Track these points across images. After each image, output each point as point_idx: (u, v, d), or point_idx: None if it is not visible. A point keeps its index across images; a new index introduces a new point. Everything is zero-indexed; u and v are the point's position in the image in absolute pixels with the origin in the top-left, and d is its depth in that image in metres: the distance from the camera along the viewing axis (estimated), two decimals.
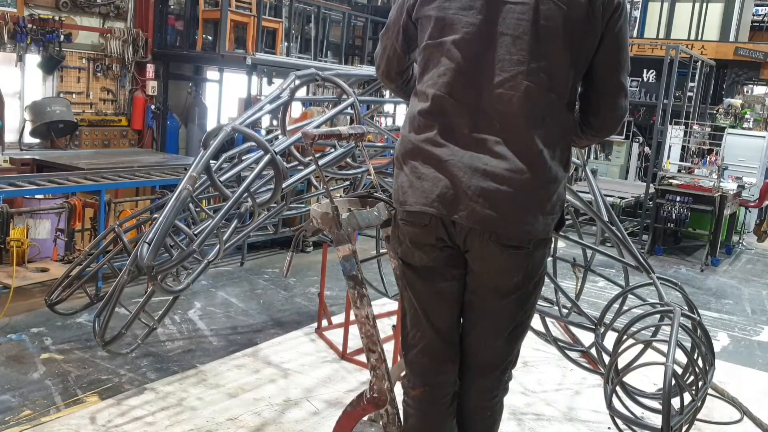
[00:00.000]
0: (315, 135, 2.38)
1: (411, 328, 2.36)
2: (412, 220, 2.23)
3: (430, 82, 2.20)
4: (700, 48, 11.44)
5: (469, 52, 2.13)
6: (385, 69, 2.50)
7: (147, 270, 2.92)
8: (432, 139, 2.17)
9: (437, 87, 2.17)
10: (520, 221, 2.12)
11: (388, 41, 2.43)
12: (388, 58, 2.46)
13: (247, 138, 3.54)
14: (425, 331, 2.32)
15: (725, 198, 8.28)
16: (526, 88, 2.08)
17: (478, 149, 2.11)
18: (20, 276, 4.84)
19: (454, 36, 2.15)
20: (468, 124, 2.13)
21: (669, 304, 3.64)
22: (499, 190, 2.08)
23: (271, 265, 6.64)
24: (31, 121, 7.09)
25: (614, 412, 3.40)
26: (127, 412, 3.60)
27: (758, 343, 5.65)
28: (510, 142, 2.10)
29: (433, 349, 2.32)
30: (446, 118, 2.16)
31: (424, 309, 2.31)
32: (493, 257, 2.17)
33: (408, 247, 2.29)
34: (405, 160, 2.25)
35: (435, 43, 2.19)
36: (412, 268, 2.30)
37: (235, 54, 7.93)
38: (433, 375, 2.34)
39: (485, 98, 2.11)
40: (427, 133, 2.18)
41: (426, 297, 2.30)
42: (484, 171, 2.10)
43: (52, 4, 7.22)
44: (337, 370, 4.33)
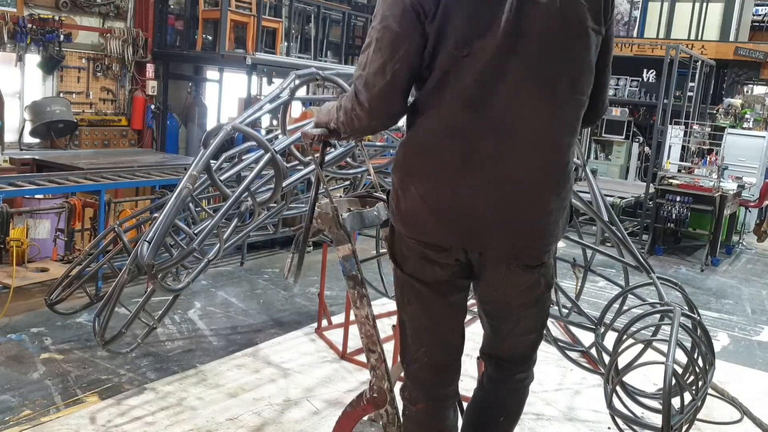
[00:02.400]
0: (315, 135, 2.37)
1: (415, 343, 2.24)
2: (429, 244, 2.08)
3: (451, 95, 1.95)
4: (700, 48, 11.44)
5: (495, 67, 1.92)
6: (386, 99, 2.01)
7: (147, 269, 2.92)
8: (452, 162, 1.97)
9: (463, 101, 1.94)
10: (547, 239, 2.09)
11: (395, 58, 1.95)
12: (399, 83, 1.98)
13: (247, 137, 3.55)
14: (433, 346, 2.22)
15: (725, 198, 8.27)
16: (558, 101, 1.99)
17: (504, 172, 1.96)
18: (20, 276, 4.84)
19: (481, 48, 1.91)
20: (493, 143, 1.95)
21: (669, 303, 3.63)
22: (528, 216, 2.02)
23: (271, 265, 6.64)
24: (31, 121, 7.09)
25: (614, 412, 3.40)
26: (127, 412, 3.60)
27: (758, 343, 5.65)
28: (539, 159, 2.00)
29: (439, 362, 2.24)
30: (469, 136, 1.95)
31: (433, 323, 2.20)
32: (516, 278, 2.13)
33: (418, 263, 2.13)
34: (417, 179, 2.03)
35: (460, 54, 1.92)
36: (421, 282, 2.15)
37: (235, 54, 7.93)
38: (438, 388, 2.27)
39: (515, 113, 1.94)
40: (448, 153, 1.98)
41: (437, 310, 2.18)
42: (512, 198, 1.99)
43: (52, 4, 7.22)
44: (337, 370, 4.33)
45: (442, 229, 2.03)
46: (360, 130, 2.22)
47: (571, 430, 3.83)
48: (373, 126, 2.18)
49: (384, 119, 2.11)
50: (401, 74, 1.98)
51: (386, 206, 2.72)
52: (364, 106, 2.05)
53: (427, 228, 2.05)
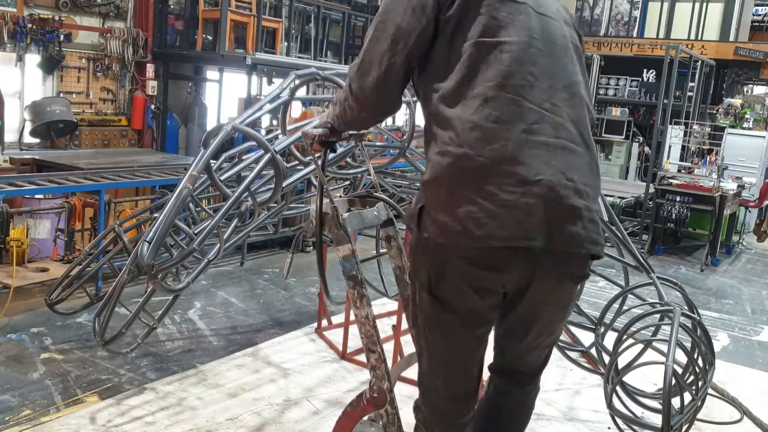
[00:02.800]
0: (315, 135, 2.37)
1: (433, 372, 2.14)
2: (484, 260, 1.89)
3: (493, 83, 1.88)
4: (700, 48, 11.44)
5: (532, 56, 1.92)
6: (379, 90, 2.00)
7: (147, 269, 2.92)
8: (507, 154, 1.85)
9: (506, 89, 1.87)
10: (599, 236, 2.00)
11: (393, 50, 1.95)
12: (394, 75, 1.97)
13: (247, 137, 3.55)
14: (452, 377, 2.13)
15: (725, 198, 8.28)
16: (582, 98, 2.03)
17: (559, 162, 1.89)
18: (20, 276, 4.84)
19: (513, 38, 1.90)
20: (546, 132, 1.89)
21: (669, 303, 3.64)
22: (588, 208, 1.93)
23: (271, 265, 6.64)
24: (31, 121, 7.09)
25: (614, 412, 3.41)
26: (127, 411, 3.60)
27: (758, 343, 5.65)
28: (583, 152, 1.97)
29: (458, 393, 2.16)
30: (520, 125, 1.87)
31: (456, 356, 2.10)
32: (556, 293, 2.06)
33: (459, 289, 1.96)
34: (467, 183, 1.86)
35: (492, 42, 1.89)
36: (452, 311, 2.00)
37: (235, 54, 7.93)
38: (455, 417, 2.21)
39: (557, 103, 1.93)
40: (498, 146, 1.85)
41: (463, 343, 2.07)
42: (573, 188, 1.90)
43: (52, 4, 7.22)
44: (337, 370, 4.33)
45: (515, 228, 1.84)
46: (352, 122, 2.18)
47: (571, 430, 3.83)
48: (365, 117, 2.14)
49: (376, 111, 2.09)
50: (397, 66, 1.96)
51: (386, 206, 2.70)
52: (357, 96, 2.04)
53: (491, 231, 1.84)
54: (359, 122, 2.20)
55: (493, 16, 1.91)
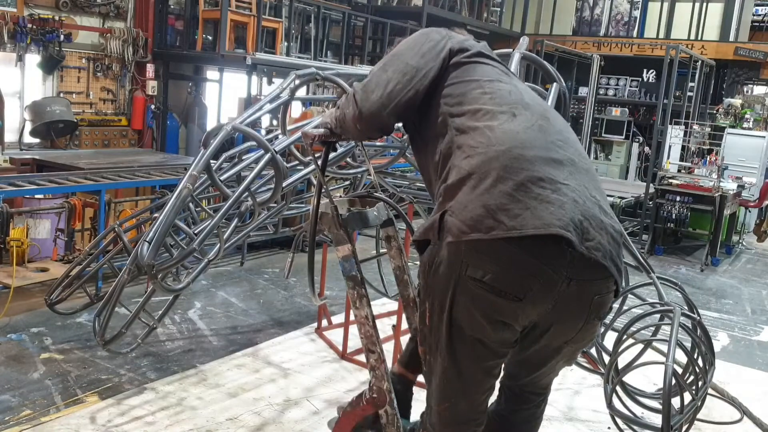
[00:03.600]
0: (315, 135, 2.37)
1: (439, 396, 2.11)
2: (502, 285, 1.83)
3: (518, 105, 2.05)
4: (700, 48, 11.44)
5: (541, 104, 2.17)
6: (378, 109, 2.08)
7: (147, 269, 2.91)
8: (539, 156, 1.91)
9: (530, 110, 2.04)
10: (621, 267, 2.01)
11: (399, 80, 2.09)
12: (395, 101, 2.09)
13: (247, 137, 3.54)
14: (461, 405, 2.10)
15: (725, 198, 8.28)
16: None
17: (582, 178, 1.96)
18: (20, 276, 4.84)
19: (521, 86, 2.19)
20: (569, 150, 2.01)
21: (669, 303, 3.64)
22: (612, 227, 1.95)
23: (271, 265, 6.64)
24: (31, 121, 7.08)
25: (614, 412, 3.41)
26: (127, 411, 3.60)
27: (758, 343, 5.65)
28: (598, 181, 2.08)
29: (463, 419, 2.13)
30: (546, 137, 1.98)
31: (464, 384, 2.05)
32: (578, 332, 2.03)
33: (473, 318, 1.90)
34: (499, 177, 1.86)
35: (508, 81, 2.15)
36: (463, 340, 1.95)
37: (235, 54, 7.93)
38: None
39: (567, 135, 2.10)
40: (530, 148, 1.92)
41: (471, 372, 2.02)
42: (597, 204, 1.94)
43: (52, 4, 7.22)
44: (337, 370, 4.33)
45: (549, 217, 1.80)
46: (346, 130, 2.23)
47: (571, 430, 3.83)
48: (359, 130, 2.19)
49: (369, 127, 2.16)
50: (400, 95, 2.09)
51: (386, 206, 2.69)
52: (358, 107, 2.12)
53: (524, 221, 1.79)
54: (352, 132, 2.24)
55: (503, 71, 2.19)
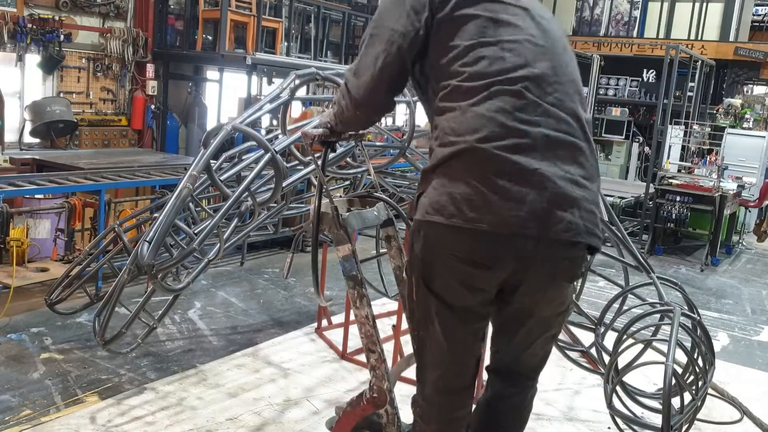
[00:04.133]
0: (315, 135, 2.37)
1: (431, 365, 2.18)
2: (471, 256, 1.95)
3: (496, 78, 1.94)
4: (700, 48, 11.44)
5: (535, 53, 1.98)
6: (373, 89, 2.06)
7: (147, 269, 2.92)
8: (508, 144, 1.90)
9: (509, 83, 1.93)
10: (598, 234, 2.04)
11: (388, 51, 2.02)
12: (387, 75, 2.04)
13: (247, 137, 3.54)
14: (449, 370, 2.17)
15: (725, 198, 8.28)
16: (582, 95, 2.08)
17: (559, 154, 1.94)
18: (20, 276, 4.84)
19: (515, 36, 1.98)
20: (549, 125, 1.94)
21: (669, 303, 3.64)
22: (585, 199, 1.97)
23: (271, 265, 6.64)
24: (31, 121, 7.08)
25: (614, 412, 3.41)
26: (127, 411, 3.60)
27: (758, 343, 5.65)
28: (584, 147, 2.01)
29: (454, 386, 2.21)
30: (522, 117, 1.92)
31: (452, 349, 2.13)
32: (550, 292, 2.08)
33: (449, 284, 2.02)
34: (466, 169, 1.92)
35: (493, 41, 1.97)
36: (449, 306, 2.06)
37: (235, 54, 7.93)
38: (452, 411, 2.24)
39: (561, 98, 1.98)
40: (499, 136, 1.91)
41: (458, 337, 2.12)
42: (571, 179, 1.94)
43: (52, 4, 7.22)
44: (337, 370, 4.33)
45: (508, 214, 1.88)
46: (347, 122, 2.23)
47: (571, 430, 3.83)
48: (358, 117, 2.17)
49: (369, 110, 2.14)
50: (391, 67, 2.04)
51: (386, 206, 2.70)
52: (352, 95, 2.11)
53: (482, 216, 1.88)
54: (355, 121, 2.24)
55: (492, 18, 1.99)
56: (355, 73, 2.10)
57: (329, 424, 2.96)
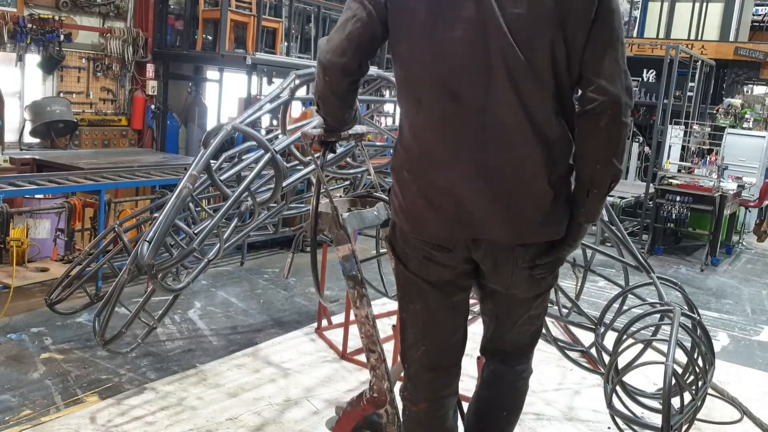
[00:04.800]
0: (315, 135, 2.37)
1: (416, 342, 2.24)
2: (431, 241, 2.08)
3: (426, 84, 1.97)
4: (700, 48, 11.44)
5: (472, 47, 1.90)
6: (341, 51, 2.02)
7: (147, 268, 2.92)
8: (432, 158, 2.00)
9: (438, 89, 1.95)
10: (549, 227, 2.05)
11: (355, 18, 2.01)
12: (357, 36, 2.01)
13: (247, 137, 3.55)
14: (433, 346, 2.22)
15: (725, 198, 8.28)
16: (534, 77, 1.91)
17: (489, 159, 1.95)
18: (20, 276, 4.84)
19: (451, 31, 1.91)
20: (474, 131, 1.94)
21: (669, 303, 3.64)
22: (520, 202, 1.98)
23: (271, 264, 6.64)
24: (31, 121, 7.08)
25: (614, 412, 3.41)
26: (127, 411, 3.60)
27: (758, 343, 5.65)
28: (522, 142, 1.94)
29: (439, 363, 2.25)
30: (451, 126, 1.96)
31: (435, 322, 2.20)
32: (511, 276, 2.12)
33: (422, 262, 2.14)
34: (413, 176, 2.05)
35: (424, 40, 1.95)
36: (424, 280, 2.16)
37: (235, 54, 7.93)
38: (438, 389, 2.28)
39: (497, 94, 1.90)
40: (435, 147, 1.99)
41: (440, 310, 2.19)
42: (490, 191, 1.97)
43: (52, 4, 7.22)
44: (337, 370, 4.33)
45: (442, 224, 2.03)
46: (323, 95, 2.16)
47: (571, 430, 3.83)
48: (329, 82, 2.08)
49: (339, 73, 2.05)
50: (358, 32, 2.02)
51: (387, 205, 2.72)
52: (321, 62, 2.08)
53: (429, 225, 2.05)
54: (327, 89, 2.13)
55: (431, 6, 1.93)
56: (326, 41, 2.09)
57: (329, 424, 2.96)
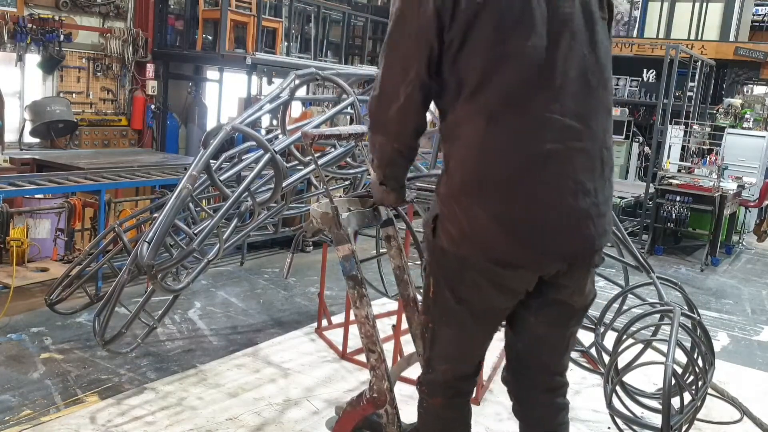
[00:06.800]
0: (315, 135, 2.37)
1: (442, 358, 2.20)
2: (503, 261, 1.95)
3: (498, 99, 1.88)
4: (700, 48, 11.43)
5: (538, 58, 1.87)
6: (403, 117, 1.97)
7: (147, 269, 2.92)
8: (513, 173, 1.88)
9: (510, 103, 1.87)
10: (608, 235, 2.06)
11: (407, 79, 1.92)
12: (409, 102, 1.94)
13: (247, 137, 3.55)
14: (460, 364, 2.22)
15: (725, 198, 8.27)
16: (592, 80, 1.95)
17: (565, 170, 1.91)
18: (20, 276, 4.84)
19: (520, 42, 1.86)
20: (553, 139, 1.89)
21: (669, 303, 3.64)
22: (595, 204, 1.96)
23: (271, 264, 6.64)
24: (31, 121, 7.09)
25: (614, 412, 3.41)
26: (127, 411, 3.60)
27: (758, 343, 5.65)
28: (590, 147, 1.95)
29: (462, 374, 2.26)
30: (525, 141, 1.88)
31: (467, 347, 2.17)
32: (584, 283, 2.11)
33: (478, 286, 2.01)
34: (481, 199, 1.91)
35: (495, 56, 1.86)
36: (470, 309, 2.06)
37: (235, 54, 7.93)
38: (461, 389, 2.28)
39: (564, 102, 1.90)
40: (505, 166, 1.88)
41: (476, 336, 2.15)
42: (582, 190, 1.92)
43: (52, 4, 7.22)
44: (337, 370, 4.33)
45: (522, 248, 1.91)
46: (390, 159, 2.13)
47: (571, 430, 3.82)
48: (398, 149, 2.08)
49: (407, 139, 2.06)
50: (414, 95, 1.95)
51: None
52: (383, 130, 2.03)
53: (504, 248, 1.92)
54: (395, 154, 2.11)
55: (496, 27, 1.86)
56: (379, 106, 2.00)
57: (329, 424, 2.96)
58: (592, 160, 1.96)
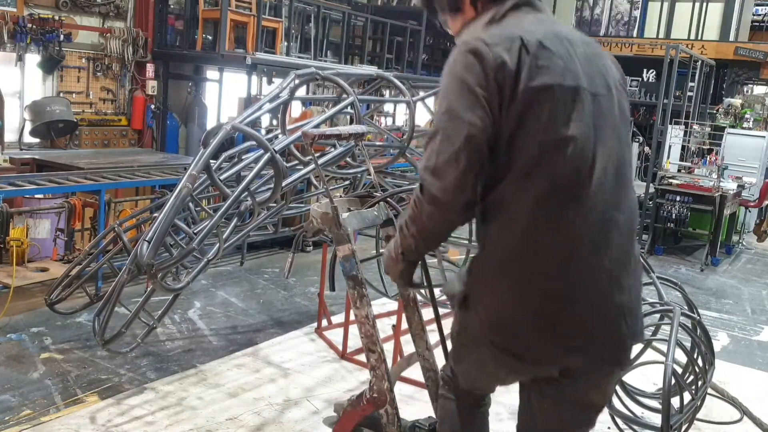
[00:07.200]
0: (315, 135, 2.37)
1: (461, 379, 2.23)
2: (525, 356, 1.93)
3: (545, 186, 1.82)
4: (700, 48, 11.44)
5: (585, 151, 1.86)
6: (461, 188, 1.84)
7: (147, 268, 2.92)
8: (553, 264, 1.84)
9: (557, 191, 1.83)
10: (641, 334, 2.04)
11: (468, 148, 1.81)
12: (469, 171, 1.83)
13: (247, 137, 3.55)
14: (479, 388, 2.28)
15: (725, 198, 8.27)
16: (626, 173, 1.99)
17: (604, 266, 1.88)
18: (20, 276, 4.84)
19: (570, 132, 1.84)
20: (594, 235, 1.86)
21: (669, 303, 3.64)
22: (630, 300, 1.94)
23: (271, 264, 6.64)
24: (31, 121, 7.08)
25: (614, 412, 3.41)
26: (127, 411, 3.60)
27: (758, 343, 5.65)
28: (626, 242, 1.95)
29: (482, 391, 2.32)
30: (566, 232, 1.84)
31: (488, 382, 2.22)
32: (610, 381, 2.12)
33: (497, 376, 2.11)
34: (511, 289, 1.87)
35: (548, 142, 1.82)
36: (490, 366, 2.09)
37: (235, 54, 7.93)
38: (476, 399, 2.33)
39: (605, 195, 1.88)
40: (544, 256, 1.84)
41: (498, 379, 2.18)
42: (617, 286, 1.91)
43: (52, 4, 7.22)
44: (337, 370, 4.33)
45: (554, 344, 1.88)
46: (435, 233, 1.99)
47: None
48: (449, 220, 1.92)
49: (460, 210, 1.89)
50: (475, 162, 1.83)
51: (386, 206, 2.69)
52: (438, 199, 1.87)
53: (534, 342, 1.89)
54: (443, 229, 1.98)
55: (551, 116, 1.83)
56: (434, 174, 1.86)
57: (328, 422, 2.96)
58: (627, 255, 1.95)
